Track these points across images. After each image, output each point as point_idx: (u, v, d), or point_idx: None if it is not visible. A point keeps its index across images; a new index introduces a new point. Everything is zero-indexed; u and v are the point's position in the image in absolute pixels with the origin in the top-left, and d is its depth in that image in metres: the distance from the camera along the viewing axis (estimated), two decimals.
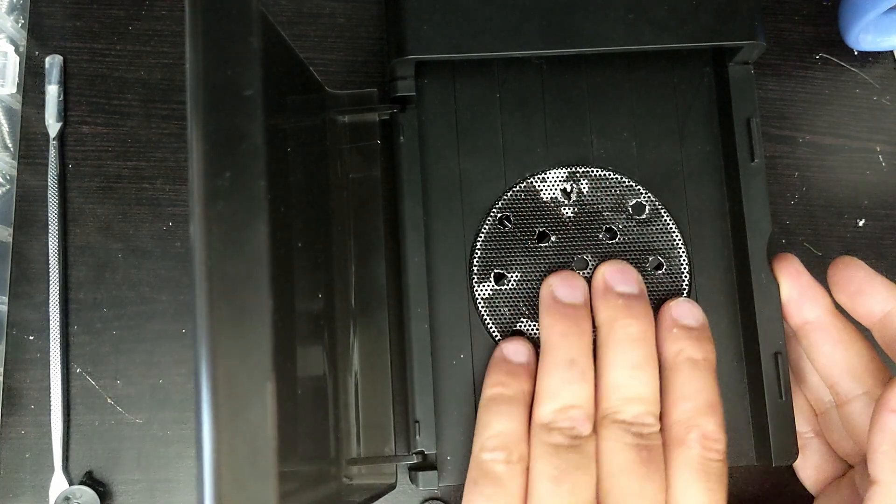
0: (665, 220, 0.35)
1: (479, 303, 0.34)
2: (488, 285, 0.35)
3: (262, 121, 0.25)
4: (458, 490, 0.36)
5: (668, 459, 0.30)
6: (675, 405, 0.31)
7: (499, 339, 0.34)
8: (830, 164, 0.40)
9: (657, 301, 0.35)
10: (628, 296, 0.32)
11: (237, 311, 0.23)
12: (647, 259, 0.35)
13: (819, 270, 0.39)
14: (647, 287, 0.35)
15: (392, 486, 0.34)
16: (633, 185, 0.35)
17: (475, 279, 0.35)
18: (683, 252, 0.35)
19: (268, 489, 0.23)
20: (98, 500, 0.35)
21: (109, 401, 0.36)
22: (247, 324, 0.23)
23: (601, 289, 0.33)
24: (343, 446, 0.33)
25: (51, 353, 0.36)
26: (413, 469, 0.33)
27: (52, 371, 0.36)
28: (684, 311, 0.33)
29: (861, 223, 0.39)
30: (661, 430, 0.31)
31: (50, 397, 0.36)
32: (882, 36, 0.39)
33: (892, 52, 0.40)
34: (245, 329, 0.23)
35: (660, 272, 0.35)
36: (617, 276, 0.33)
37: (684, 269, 0.35)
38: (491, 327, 0.34)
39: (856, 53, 0.41)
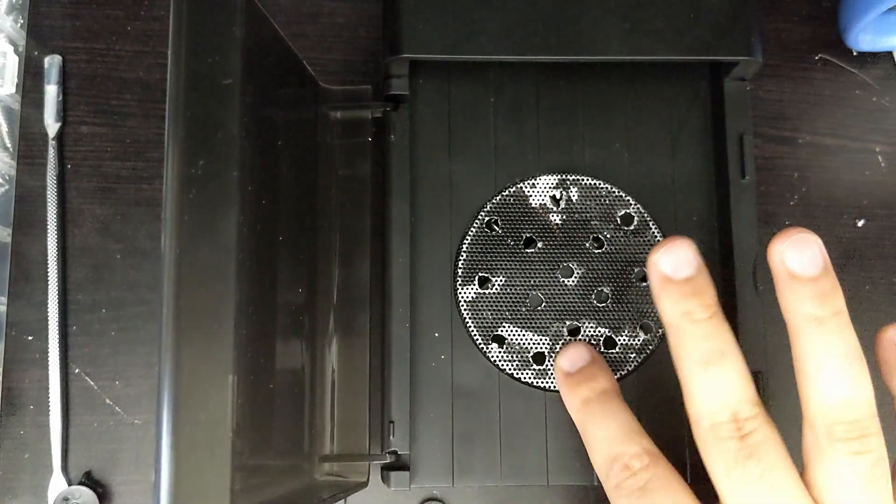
0: (653, 232, 0.35)
1: (462, 305, 0.35)
2: (472, 288, 0.35)
3: (239, 110, 0.25)
4: (458, 490, 0.36)
5: None
6: None
7: (480, 343, 0.34)
8: (830, 165, 0.40)
9: (642, 314, 0.35)
10: (816, 277, 0.28)
11: (203, 300, 0.23)
12: (633, 270, 0.35)
13: None
14: (632, 299, 0.35)
15: (363, 485, 0.34)
16: (623, 195, 0.35)
17: (459, 282, 0.35)
18: None
19: (224, 479, 0.23)
20: (97, 500, 0.35)
21: (108, 401, 0.36)
22: (212, 314, 0.23)
23: (783, 275, 0.28)
24: (317, 443, 0.33)
25: (49, 354, 0.36)
26: (385, 469, 0.33)
27: (50, 372, 0.36)
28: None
29: (860, 223, 0.39)
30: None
31: (49, 398, 0.36)
32: (881, 36, 0.39)
33: (891, 52, 0.40)
34: (210, 320, 0.23)
35: (645, 284, 0.35)
36: (795, 255, 0.28)
37: None
38: (473, 331, 0.34)
39: (855, 54, 0.40)
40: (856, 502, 0.27)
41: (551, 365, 0.34)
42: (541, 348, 0.34)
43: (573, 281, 0.35)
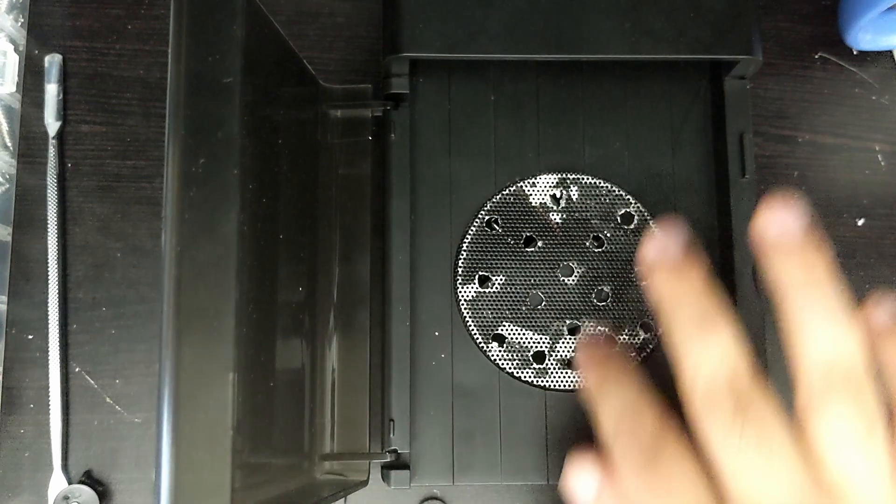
0: (653, 231, 0.35)
1: (462, 304, 0.35)
2: (472, 287, 0.35)
3: (239, 109, 0.25)
4: (457, 490, 0.36)
5: None
6: None
7: (480, 342, 0.34)
8: (830, 164, 0.40)
9: (642, 313, 0.35)
10: (800, 244, 0.28)
11: (203, 298, 0.23)
12: (633, 269, 0.35)
13: None
14: (632, 298, 0.35)
15: (364, 484, 0.34)
16: (623, 194, 0.35)
17: (459, 280, 0.35)
18: None
19: (224, 477, 0.23)
20: (97, 499, 0.35)
21: (108, 400, 0.36)
22: (212, 312, 0.23)
23: (768, 244, 0.29)
24: (317, 441, 0.33)
25: (50, 353, 0.36)
26: (386, 468, 0.33)
27: (51, 370, 0.36)
28: None
29: (860, 222, 0.39)
30: None
31: (49, 396, 0.36)
32: (881, 35, 0.39)
33: (891, 51, 0.40)
34: (210, 317, 0.23)
35: (644, 283, 0.35)
36: (778, 224, 0.28)
37: None
38: (473, 329, 0.34)
39: (855, 53, 0.40)
40: (855, 457, 0.27)
41: (551, 364, 0.34)
42: (541, 347, 0.34)
43: (573, 280, 0.35)
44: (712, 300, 0.29)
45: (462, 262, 0.35)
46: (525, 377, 0.34)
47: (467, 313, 0.34)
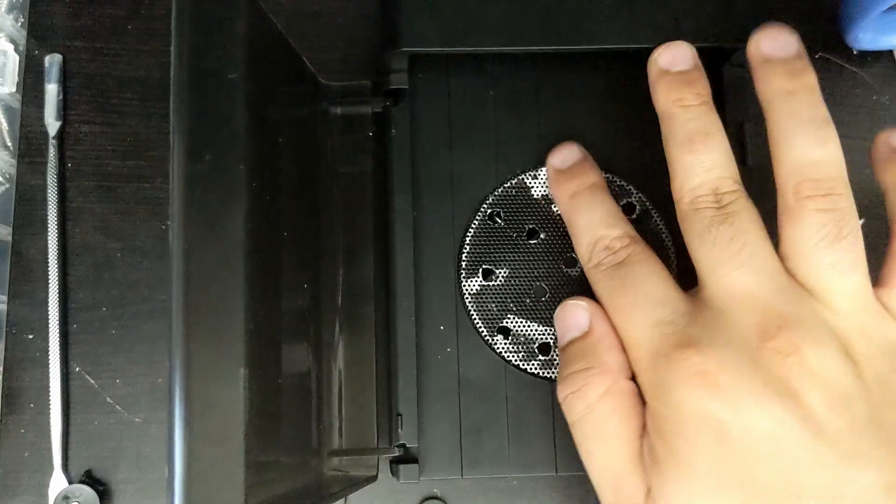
0: (655, 221, 0.35)
1: (467, 298, 0.35)
2: (476, 281, 0.35)
3: (244, 105, 0.25)
4: (458, 491, 0.36)
5: None
6: None
7: (485, 335, 0.34)
8: None
9: None
10: (788, 59, 0.30)
11: (212, 294, 0.23)
12: None
13: None
14: None
15: (373, 478, 0.34)
16: (625, 184, 0.35)
17: (463, 274, 0.35)
18: (672, 253, 0.35)
19: (237, 474, 0.23)
20: (97, 498, 0.35)
21: (109, 400, 0.36)
22: (222, 308, 0.23)
23: (759, 60, 0.31)
24: (325, 438, 0.33)
25: (50, 353, 0.36)
26: (394, 462, 0.33)
27: (51, 370, 0.36)
28: None
29: (861, 222, 0.39)
30: None
31: (49, 396, 0.36)
32: (881, 35, 0.39)
33: (891, 51, 0.40)
34: (220, 313, 0.23)
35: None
36: (769, 40, 0.31)
37: (672, 270, 0.35)
38: (477, 323, 0.34)
39: (855, 53, 0.40)
40: (823, 259, 0.28)
41: (557, 355, 0.34)
42: (546, 339, 0.34)
43: (577, 271, 0.35)
44: (708, 115, 0.30)
45: (465, 256, 0.35)
46: (531, 369, 0.34)
47: (472, 307, 0.34)
